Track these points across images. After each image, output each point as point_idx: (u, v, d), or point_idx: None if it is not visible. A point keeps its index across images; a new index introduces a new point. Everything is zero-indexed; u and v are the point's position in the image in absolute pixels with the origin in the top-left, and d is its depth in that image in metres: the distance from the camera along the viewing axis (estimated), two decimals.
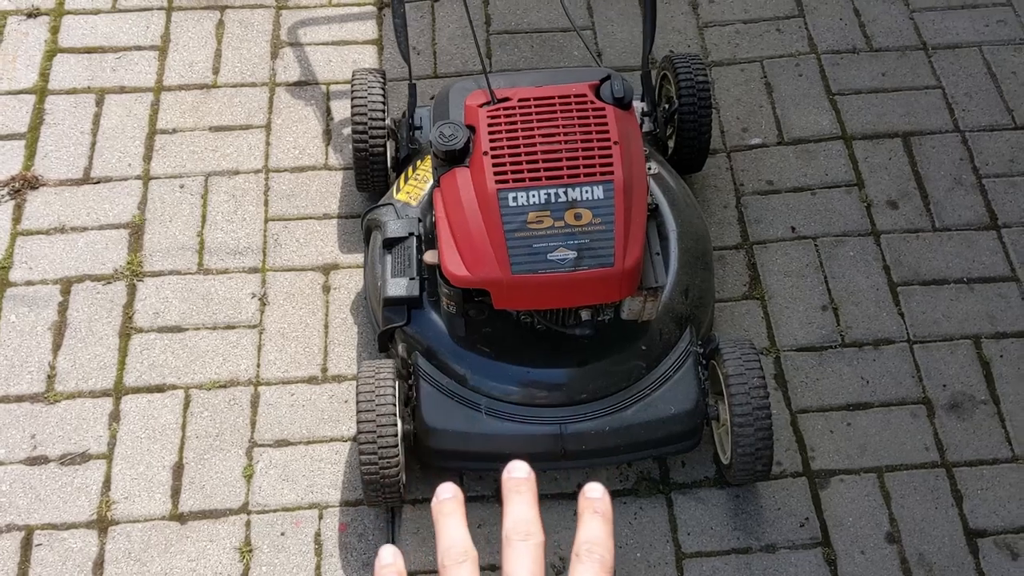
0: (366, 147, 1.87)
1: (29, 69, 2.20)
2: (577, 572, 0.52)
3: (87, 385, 1.82)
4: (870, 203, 2.05)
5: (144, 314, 1.90)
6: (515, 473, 0.56)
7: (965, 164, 2.11)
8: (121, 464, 1.74)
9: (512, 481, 0.56)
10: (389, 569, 0.55)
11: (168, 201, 2.03)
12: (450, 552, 0.54)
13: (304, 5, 2.33)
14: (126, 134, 2.12)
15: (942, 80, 2.22)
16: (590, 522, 0.54)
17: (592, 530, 0.54)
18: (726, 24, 2.32)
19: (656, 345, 1.67)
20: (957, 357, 1.87)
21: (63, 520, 1.69)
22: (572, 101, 1.52)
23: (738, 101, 2.20)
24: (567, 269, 1.44)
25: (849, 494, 1.73)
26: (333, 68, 2.23)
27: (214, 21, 2.29)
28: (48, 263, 1.95)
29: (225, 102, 2.18)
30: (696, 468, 1.76)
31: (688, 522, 1.71)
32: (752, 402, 1.57)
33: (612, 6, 2.34)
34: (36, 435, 1.77)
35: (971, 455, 1.77)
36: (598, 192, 1.45)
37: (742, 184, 2.08)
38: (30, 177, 2.04)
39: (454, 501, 0.56)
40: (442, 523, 0.55)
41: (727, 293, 1.94)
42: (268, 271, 1.96)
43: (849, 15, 2.33)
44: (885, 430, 1.79)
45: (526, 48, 2.27)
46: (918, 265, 1.98)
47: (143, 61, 2.22)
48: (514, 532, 0.53)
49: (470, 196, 1.47)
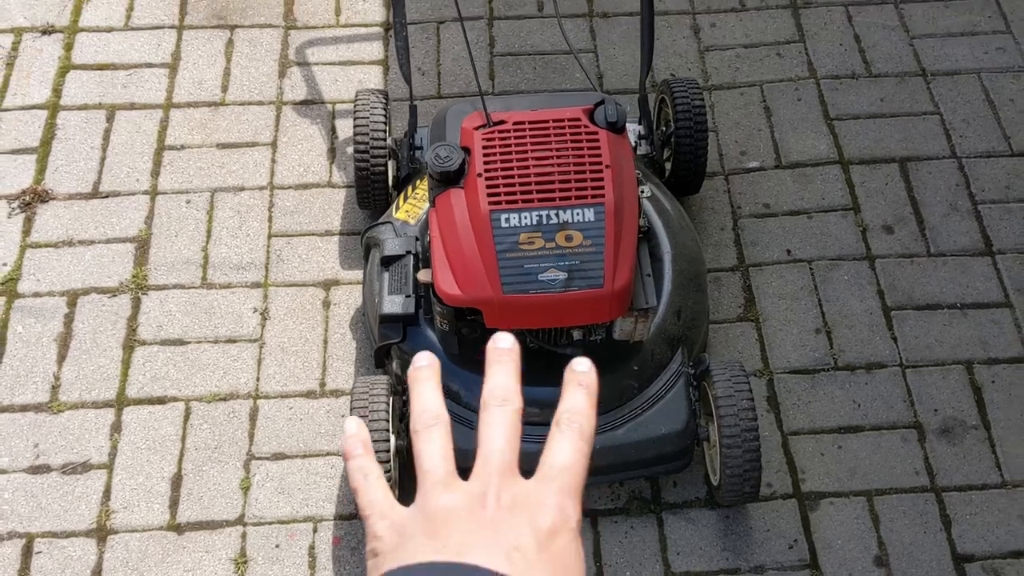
0: (367, 166, 1.91)
1: (42, 85, 2.25)
2: (555, 439, 0.51)
3: (90, 396, 1.85)
4: (866, 227, 2.07)
5: (148, 327, 1.93)
6: (499, 343, 0.55)
7: (961, 190, 2.12)
8: (121, 474, 1.77)
9: (495, 351, 0.55)
10: (354, 439, 0.54)
11: (174, 216, 2.07)
12: (422, 416, 0.53)
13: (312, 25, 2.38)
14: (135, 150, 2.16)
15: (940, 106, 2.24)
16: (574, 393, 0.53)
17: (575, 400, 0.53)
18: (727, 48, 2.35)
19: (648, 365, 1.69)
20: (949, 382, 1.88)
21: (63, 528, 1.72)
22: (566, 125, 1.55)
23: (737, 125, 2.22)
24: (557, 290, 1.46)
25: (838, 517, 1.74)
26: (339, 87, 2.28)
27: (224, 40, 2.34)
28: (56, 275, 1.99)
29: (232, 119, 2.22)
30: (687, 488, 1.77)
31: (678, 542, 1.72)
32: (741, 424, 1.59)
33: (614, 29, 2.37)
34: (39, 444, 1.80)
35: (961, 480, 1.78)
36: (589, 214, 1.48)
37: (739, 207, 2.10)
38: (40, 191, 2.09)
39: (429, 369, 0.55)
40: (416, 389, 0.55)
41: (722, 315, 1.96)
42: (270, 286, 1.99)
43: (849, 41, 2.36)
44: (876, 454, 1.81)
45: (529, 70, 2.31)
46: (912, 290, 1.99)
47: (154, 78, 2.27)
48: (491, 397, 0.52)
49: (464, 216, 1.50)
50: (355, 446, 0.54)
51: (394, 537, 0.49)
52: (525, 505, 0.48)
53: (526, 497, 0.49)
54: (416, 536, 0.48)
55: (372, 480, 0.52)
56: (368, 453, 0.54)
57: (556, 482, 0.49)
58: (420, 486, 0.51)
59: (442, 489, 0.50)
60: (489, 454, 0.50)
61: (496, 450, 0.50)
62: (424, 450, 0.52)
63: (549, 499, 0.49)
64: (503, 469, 0.50)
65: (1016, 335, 1.94)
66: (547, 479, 0.50)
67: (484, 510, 0.48)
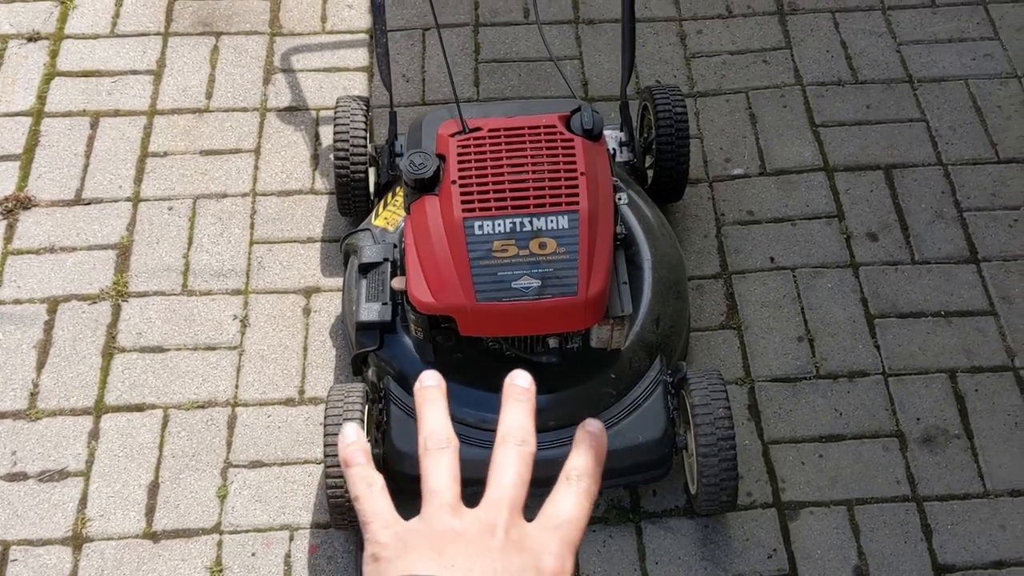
0: (347, 173, 1.91)
1: (27, 92, 2.25)
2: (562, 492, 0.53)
3: (68, 403, 1.85)
4: (850, 235, 2.06)
5: (127, 334, 1.93)
6: (517, 380, 0.56)
7: (947, 197, 2.11)
8: (98, 482, 1.77)
9: (514, 389, 0.56)
10: (355, 447, 0.55)
11: (156, 223, 2.07)
12: (431, 438, 0.54)
13: (298, 32, 2.38)
14: (118, 157, 2.16)
15: (927, 113, 2.23)
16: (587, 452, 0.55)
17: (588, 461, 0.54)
18: (713, 55, 2.34)
19: (626, 373, 1.68)
20: (932, 391, 1.87)
21: (39, 536, 1.72)
22: (541, 132, 1.55)
23: (722, 132, 2.22)
24: (531, 297, 1.46)
25: (818, 526, 1.73)
26: (323, 94, 2.27)
27: (209, 47, 2.34)
28: (36, 282, 1.99)
29: (216, 126, 2.22)
30: (666, 497, 1.76)
31: (656, 551, 1.71)
32: (717, 432, 1.57)
33: (599, 36, 2.37)
34: (17, 451, 1.80)
35: (942, 490, 1.76)
36: (563, 222, 1.47)
37: (723, 214, 2.09)
38: (23, 197, 2.09)
39: (437, 389, 0.56)
40: (425, 410, 0.55)
41: (704, 322, 1.95)
42: (251, 293, 1.99)
43: (836, 47, 2.35)
44: (857, 463, 1.79)
45: (514, 77, 2.30)
46: (896, 298, 1.98)
47: (138, 85, 2.27)
48: (510, 436, 0.54)
49: (438, 224, 1.50)
50: (356, 454, 0.55)
51: (399, 546, 0.50)
52: (531, 547, 0.50)
53: (532, 539, 0.50)
54: (421, 549, 0.49)
55: (376, 491, 0.53)
56: (369, 463, 0.55)
57: (560, 532, 0.51)
58: (426, 505, 0.52)
59: (450, 511, 0.51)
60: (502, 489, 0.52)
61: (509, 486, 0.52)
62: (433, 471, 0.53)
63: (553, 546, 0.50)
64: (513, 506, 0.51)
65: (1000, 343, 1.92)
66: (551, 527, 0.51)
67: (492, 539, 0.49)
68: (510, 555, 0.49)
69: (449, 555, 0.48)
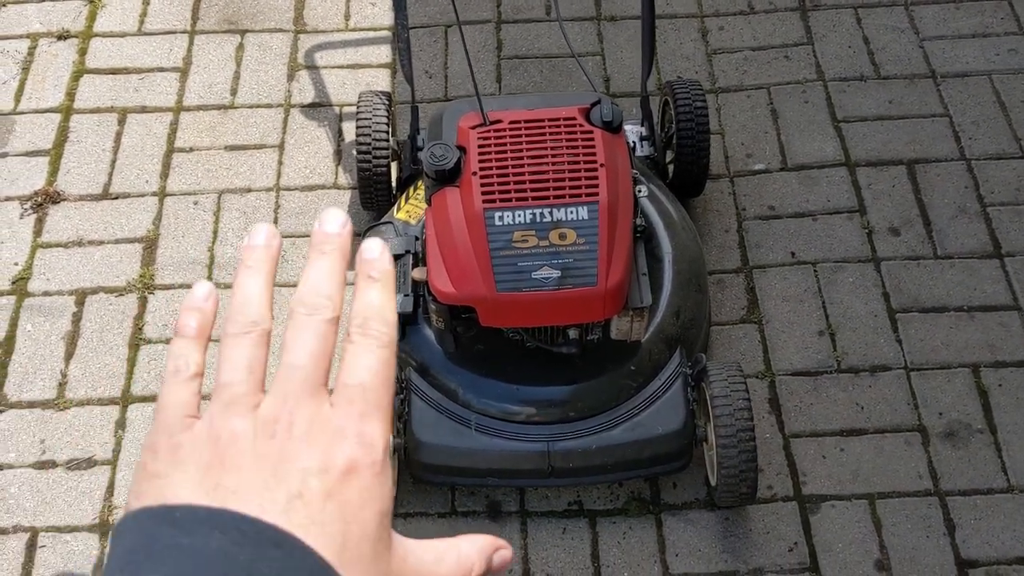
0: (370, 167, 1.92)
1: (57, 89, 2.29)
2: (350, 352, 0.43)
3: (96, 393, 1.88)
4: (871, 230, 2.05)
5: (154, 325, 1.96)
6: (327, 226, 0.45)
7: (970, 192, 2.10)
8: (125, 470, 1.80)
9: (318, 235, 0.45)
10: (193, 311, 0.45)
11: (182, 217, 2.10)
12: (235, 319, 0.43)
13: (322, 29, 2.40)
14: (145, 152, 2.20)
15: (950, 108, 2.22)
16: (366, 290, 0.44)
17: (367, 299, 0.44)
18: (735, 51, 2.34)
19: (645, 365, 1.68)
20: (955, 385, 1.86)
21: (67, 523, 1.74)
22: (561, 124, 1.56)
23: (743, 127, 2.21)
24: (551, 288, 1.47)
25: (840, 520, 1.73)
26: (347, 90, 2.30)
27: (234, 44, 2.37)
28: (65, 275, 2.02)
29: (241, 122, 2.25)
30: (687, 489, 1.76)
31: (677, 543, 1.71)
32: (737, 423, 1.58)
33: (621, 32, 2.37)
34: (46, 440, 1.83)
35: (965, 484, 1.75)
36: (583, 213, 1.48)
37: (744, 209, 2.09)
38: (52, 192, 2.12)
39: (264, 250, 0.45)
40: (240, 277, 0.45)
41: (725, 316, 1.95)
42: (275, 287, 2.01)
43: (858, 43, 2.34)
44: (878, 457, 1.79)
45: (536, 73, 2.32)
46: (918, 292, 1.97)
47: (165, 82, 2.30)
48: (299, 303, 0.43)
49: (458, 215, 1.51)
50: (188, 322, 0.44)
51: (168, 458, 0.40)
52: (321, 435, 0.40)
53: (323, 425, 0.40)
54: (188, 466, 0.40)
55: (182, 378, 0.43)
56: (200, 338, 0.44)
57: (356, 405, 0.41)
58: (213, 401, 0.42)
59: (235, 409, 0.41)
60: (289, 371, 0.42)
61: (297, 366, 0.42)
62: (228, 358, 0.42)
63: (349, 427, 0.41)
64: (302, 390, 0.41)
65: None
66: (346, 402, 0.41)
67: (272, 440, 0.40)
68: (291, 457, 0.39)
69: (216, 472, 0.39)
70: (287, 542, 0.37)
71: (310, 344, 0.42)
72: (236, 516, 0.38)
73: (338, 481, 0.39)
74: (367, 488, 0.40)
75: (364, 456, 0.40)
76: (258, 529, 0.37)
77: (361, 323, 0.43)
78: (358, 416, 0.41)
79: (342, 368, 0.42)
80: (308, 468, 0.39)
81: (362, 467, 0.40)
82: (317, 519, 0.38)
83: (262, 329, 0.43)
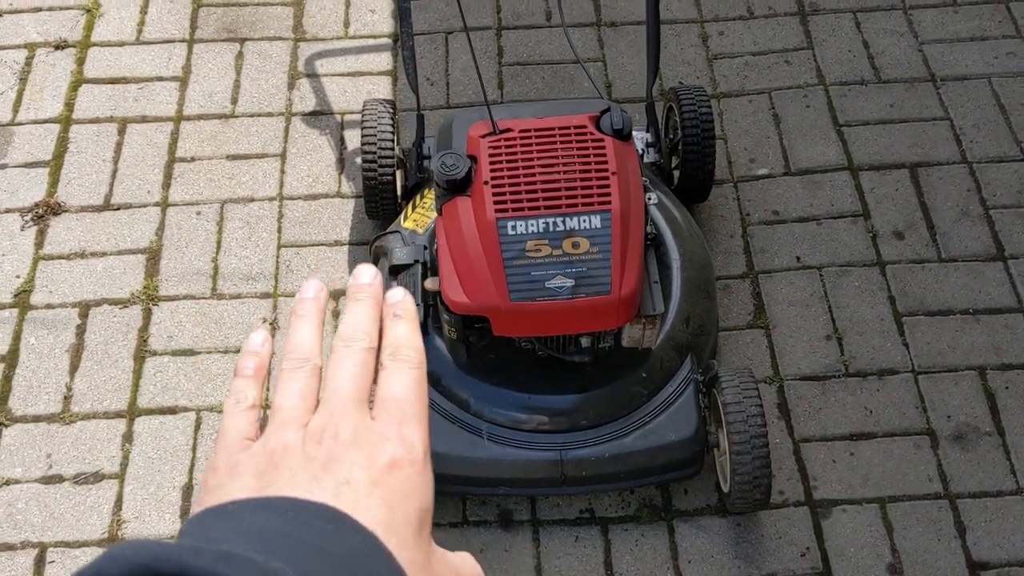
0: (375, 176, 1.92)
1: (55, 99, 2.27)
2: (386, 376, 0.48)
3: (102, 406, 1.86)
4: (876, 233, 2.06)
5: (158, 337, 1.94)
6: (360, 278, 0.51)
7: (972, 195, 2.11)
8: (133, 484, 1.78)
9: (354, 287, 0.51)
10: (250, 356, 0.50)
11: (184, 228, 2.09)
12: (289, 356, 0.49)
13: (321, 37, 2.40)
14: (146, 162, 2.18)
15: (950, 111, 2.23)
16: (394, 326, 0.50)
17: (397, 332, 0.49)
18: (735, 56, 2.35)
19: (657, 372, 1.68)
20: (962, 388, 1.87)
21: (75, 538, 1.73)
22: (572, 132, 1.55)
23: (746, 132, 2.22)
24: (565, 297, 1.46)
25: (851, 524, 1.73)
26: (348, 98, 2.29)
27: (234, 53, 2.36)
28: (68, 287, 2.00)
29: (242, 131, 2.23)
30: (698, 496, 1.76)
31: (689, 550, 1.71)
32: (750, 430, 1.58)
33: (622, 38, 2.38)
34: (52, 454, 1.81)
35: (975, 487, 1.76)
36: (595, 221, 1.48)
37: (748, 214, 2.10)
38: (53, 204, 2.11)
39: (313, 303, 0.51)
40: (292, 324, 0.50)
41: (732, 322, 1.96)
42: (279, 296, 2.00)
43: (858, 47, 2.35)
44: (888, 460, 1.79)
45: (537, 79, 2.32)
46: (923, 296, 1.98)
47: (164, 91, 2.29)
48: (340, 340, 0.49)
49: (470, 224, 1.51)
50: (247, 364, 0.50)
51: (228, 472, 0.45)
52: (366, 440, 0.45)
53: (367, 432, 0.45)
54: (244, 476, 0.44)
55: (241, 408, 0.48)
56: (257, 377, 0.50)
57: (395, 416, 0.46)
58: (269, 424, 0.47)
59: (288, 426, 0.46)
60: (333, 392, 0.47)
61: (341, 387, 0.47)
62: (283, 388, 0.48)
63: (390, 431, 0.45)
64: (346, 405, 0.46)
65: None
66: (386, 413, 0.46)
67: (320, 446, 0.44)
68: (338, 457, 0.44)
69: (269, 476, 0.43)
70: (338, 518, 0.41)
71: (351, 369, 0.47)
72: (288, 499, 0.41)
73: (382, 473, 0.44)
74: (410, 481, 0.44)
75: (405, 454, 0.45)
76: (310, 508, 0.41)
77: (392, 351, 0.49)
78: (397, 423, 0.46)
79: (378, 388, 0.48)
80: (355, 462, 0.44)
81: (404, 464, 0.45)
82: (363, 503, 0.42)
83: (313, 364, 0.49)
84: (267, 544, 0.38)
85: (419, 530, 0.44)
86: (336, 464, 0.43)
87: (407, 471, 0.44)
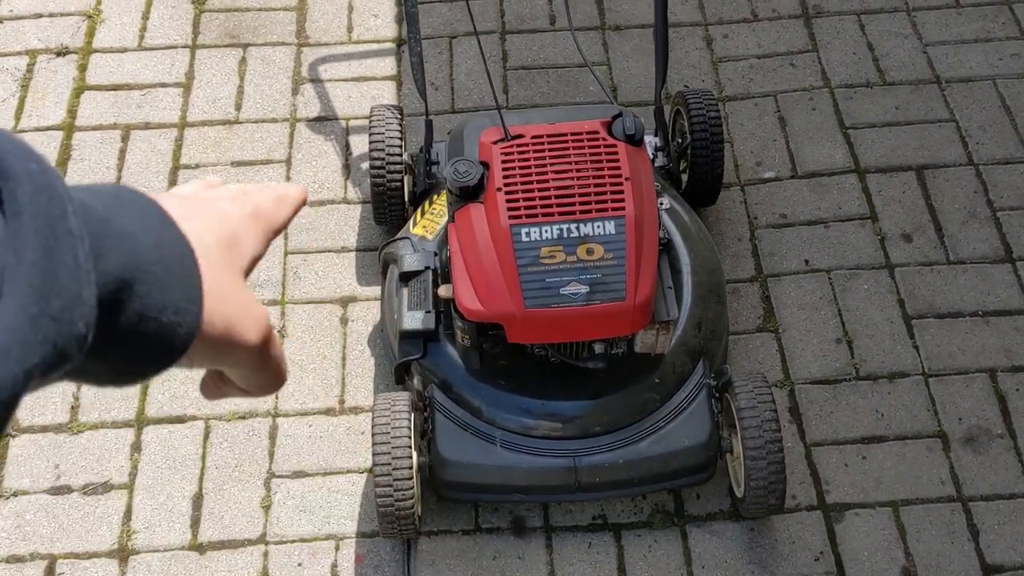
0: (383, 182, 1.91)
1: (57, 106, 2.26)
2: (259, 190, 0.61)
3: (109, 416, 1.85)
4: (884, 236, 2.06)
5: None
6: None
7: (979, 197, 2.11)
8: (142, 494, 1.77)
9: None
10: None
11: None
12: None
13: (325, 42, 2.39)
14: (150, 169, 2.17)
15: (956, 113, 2.24)
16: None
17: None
18: (740, 59, 2.35)
19: (670, 378, 1.68)
20: (973, 391, 1.87)
21: (85, 549, 1.72)
22: (584, 138, 1.55)
23: (752, 135, 2.22)
24: (580, 303, 1.46)
25: (864, 528, 1.73)
26: (352, 104, 2.28)
27: (237, 59, 2.35)
28: None
29: (247, 137, 2.22)
30: (711, 501, 1.76)
31: (703, 555, 1.71)
32: (764, 435, 1.57)
33: (627, 42, 2.37)
34: (60, 465, 1.80)
35: (987, 489, 1.76)
36: (610, 227, 1.47)
37: (756, 217, 2.10)
38: None
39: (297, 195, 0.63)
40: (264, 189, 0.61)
41: (741, 326, 1.95)
42: (287, 303, 1.99)
43: (863, 49, 2.35)
44: (900, 464, 1.79)
45: (542, 83, 2.31)
46: (933, 298, 1.98)
47: (168, 98, 2.28)
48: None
49: (484, 231, 1.50)
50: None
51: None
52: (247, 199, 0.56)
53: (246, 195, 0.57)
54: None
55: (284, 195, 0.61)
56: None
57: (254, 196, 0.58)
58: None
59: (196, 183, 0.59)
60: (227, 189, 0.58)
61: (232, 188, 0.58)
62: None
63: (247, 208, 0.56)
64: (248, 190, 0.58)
65: None
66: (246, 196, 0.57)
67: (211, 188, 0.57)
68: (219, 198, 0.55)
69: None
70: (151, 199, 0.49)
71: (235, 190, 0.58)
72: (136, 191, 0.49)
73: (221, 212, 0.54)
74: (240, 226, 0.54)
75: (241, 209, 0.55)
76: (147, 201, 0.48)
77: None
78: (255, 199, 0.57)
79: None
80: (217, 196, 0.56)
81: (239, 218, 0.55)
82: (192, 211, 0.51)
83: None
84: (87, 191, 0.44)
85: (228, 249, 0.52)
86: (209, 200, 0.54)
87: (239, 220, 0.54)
